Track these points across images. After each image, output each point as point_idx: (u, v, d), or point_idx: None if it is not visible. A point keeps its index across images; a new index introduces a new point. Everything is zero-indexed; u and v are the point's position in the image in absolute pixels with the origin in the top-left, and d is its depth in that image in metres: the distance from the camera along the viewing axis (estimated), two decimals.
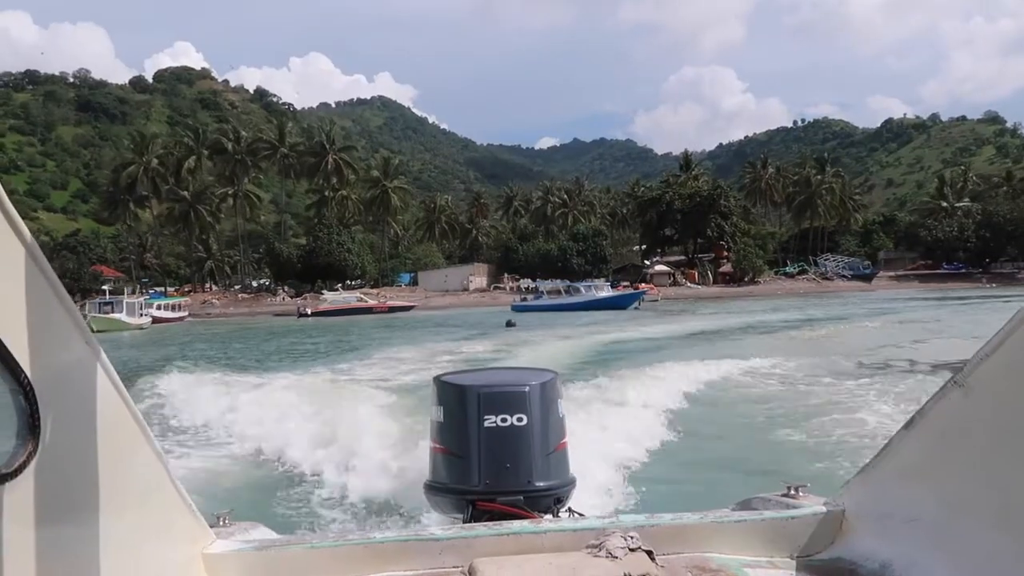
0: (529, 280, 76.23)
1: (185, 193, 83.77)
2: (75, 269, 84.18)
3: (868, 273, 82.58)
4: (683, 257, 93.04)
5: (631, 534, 1.98)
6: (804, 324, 30.30)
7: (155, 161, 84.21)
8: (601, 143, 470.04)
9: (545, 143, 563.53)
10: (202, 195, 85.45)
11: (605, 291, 55.46)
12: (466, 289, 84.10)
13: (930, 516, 1.77)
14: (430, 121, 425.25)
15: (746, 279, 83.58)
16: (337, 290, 76.48)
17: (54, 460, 1.21)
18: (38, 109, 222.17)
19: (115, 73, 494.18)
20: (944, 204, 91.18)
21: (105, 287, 63.30)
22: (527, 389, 3.01)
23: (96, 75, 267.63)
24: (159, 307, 59.46)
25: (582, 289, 54.39)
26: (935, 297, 55.76)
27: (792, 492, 2.30)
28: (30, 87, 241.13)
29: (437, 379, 3.21)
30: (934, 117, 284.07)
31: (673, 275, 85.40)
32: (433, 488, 3.17)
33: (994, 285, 72.08)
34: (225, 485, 7.70)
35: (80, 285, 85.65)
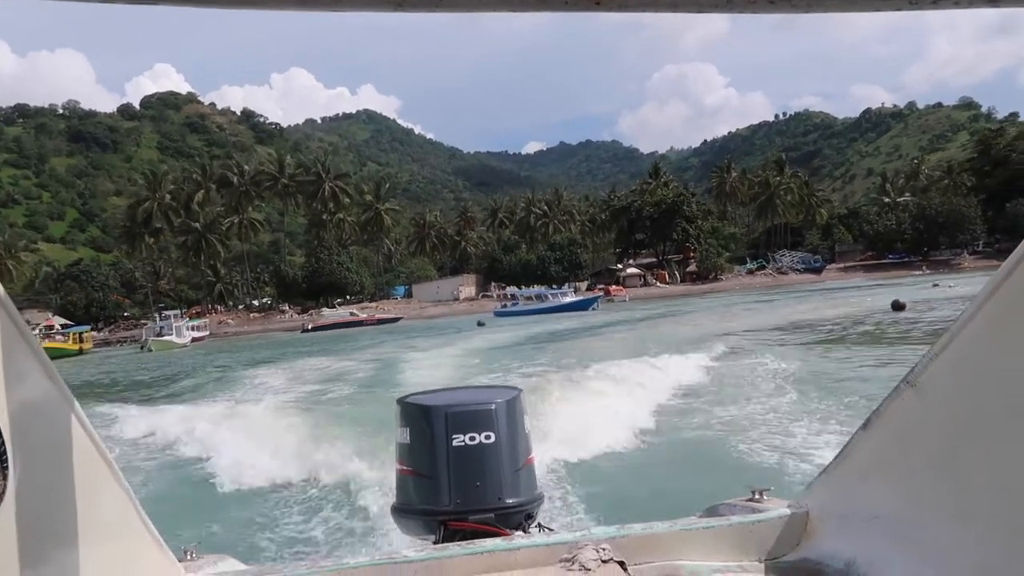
0: (515, 288, 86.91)
1: (196, 224, 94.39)
2: (101, 299, 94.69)
3: (818, 266, 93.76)
4: (654, 259, 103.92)
5: (603, 546, 2.04)
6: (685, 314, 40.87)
7: (168, 196, 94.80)
8: (587, 145, 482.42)
9: (532, 148, 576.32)
10: (212, 225, 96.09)
11: (570, 296, 66.88)
12: (456, 299, 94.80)
13: (890, 513, 1.86)
14: (416, 132, 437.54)
15: (710, 277, 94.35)
16: (335, 307, 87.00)
17: (23, 498, 1.22)
18: (30, 142, 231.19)
19: (98, 98, 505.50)
20: (887, 200, 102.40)
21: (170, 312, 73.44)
22: (494, 407, 3.08)
23: (79, 100, 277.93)
24: (190, 328, 70.13)
25: (549, 296, 65.95)
26: (867, 284, 66.33)
27: (757, 496, 2.41)
28: (20, 120, 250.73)
29: (401, 401, 3.23)
30: (911, 105, 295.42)
31: (644, 276, 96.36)
32: (401, 511, 3.19)
33: (928, 271, 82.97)
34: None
35: (104, 313, 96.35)
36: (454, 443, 3.00)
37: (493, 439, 3.02)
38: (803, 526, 2.22)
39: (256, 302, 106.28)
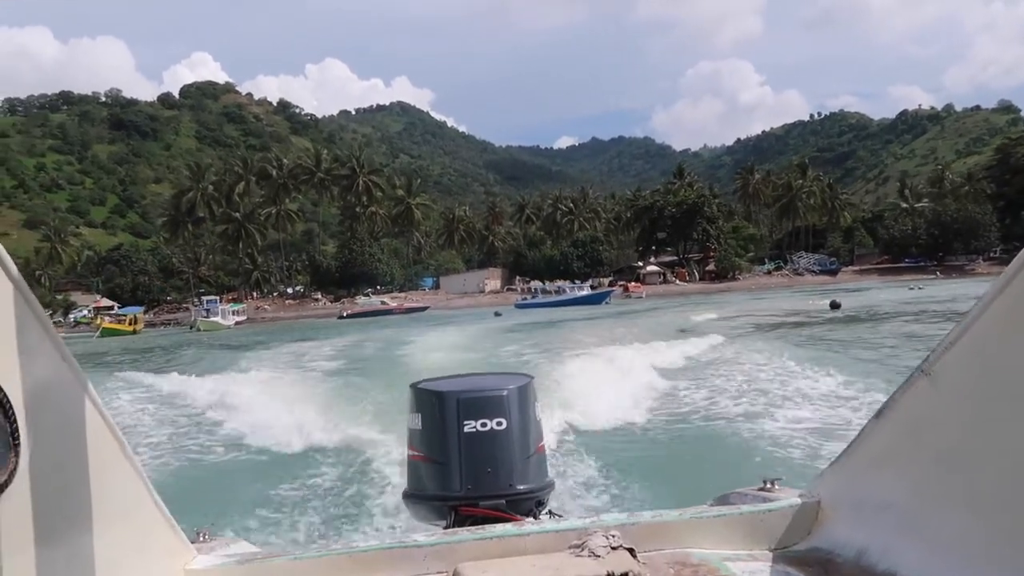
0: (538, 282, 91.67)
1: (237, 214, 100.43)
2: (147, 283, 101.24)
3: (833, 268, 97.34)
4: (675, 258, 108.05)
5: (612, 533, 2.06)
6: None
7: (210, 187, 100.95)
8: (620, 141, 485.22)
9: (564, 143, 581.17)
10: (251, 215, 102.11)
11: (585, 291, 71.93)
12: (482, 291, 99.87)
13: (902, 503, 1.88)
14: (448, 125, 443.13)
15: (729, 276, 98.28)
16: (367, 295, 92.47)
17: (36, 477, 1.24)
18: (74, 129, 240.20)
19: (137, 85, 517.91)
20: (904, 205, 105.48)
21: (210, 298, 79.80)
22: (505, 393, 3.11)
23: (118, 87, 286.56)
24: (233, 312, 76.16)
25: (566, 289, 71.12)
26: (866, 286, 70.11)
27: (768, 486, 2.42)
28: (65, 107, 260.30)
29: (413, 386, 3.28)
30: (948, 108, 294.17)
31: (664, 274, 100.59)
32: (413, 496, 3.24)
33: (940, 276, 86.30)
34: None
35: (149, 297, 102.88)
36: (466, 429, 3.02)
37: (505, 426, 3.05)
38: (814, 515, 2.25)
39: (290, 289, 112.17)
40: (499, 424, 3.06)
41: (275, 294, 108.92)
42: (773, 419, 9.81)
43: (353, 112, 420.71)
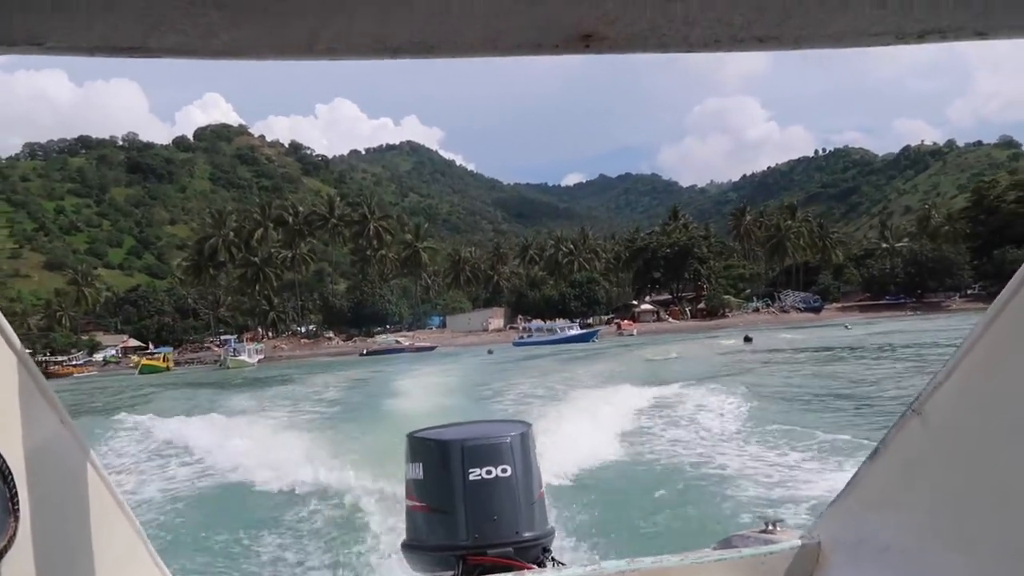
0: (539, 320, 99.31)
1: (255, 259, 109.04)
2: (171, 324, 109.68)
3: (817, 306, 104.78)
4: (669, 296, 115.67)
5: None
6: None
7: (231, 234, 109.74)
8: (627, 178, 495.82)
9: (571, 179, 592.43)
10: (268, 259, 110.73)
11: (575, 329, 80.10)
12: (486, 329, 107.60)
13: (900, 544, 1.89)
14: (457, 163, 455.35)
15: (719, 314, 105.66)
16: (384, 332, 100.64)
17: (36, 541, 1.25)
18: (92, 172, 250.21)
19: (150, 126, 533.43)
20: (885, 245, 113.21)
21: (226, 337, 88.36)
22: (508, 440, 3.13)
23: (132, 128, 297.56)
24: (256, 351, 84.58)
25: (557, 329, 79.12)
26: (841, 322, 77.28)
27: (769, 528, 2.46)
28: (83, 151, 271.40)
29: (411, 436, 3.28)
30: (950, 143, 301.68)
31: (658, 312, 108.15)
32: (414, 547, 3.22)
33: (915, 313, 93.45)
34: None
35: (173, 336, 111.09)
36: (471, 477, 3.03)
37: (509, 472, 3.07)
38: (815, 558, 2.27)
39: (303, 328, 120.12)
40: (504, 471, 3.07)
41: (288, 333, 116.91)
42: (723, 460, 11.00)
43: (363, 151, 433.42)
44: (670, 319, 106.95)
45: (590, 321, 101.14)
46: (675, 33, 0.94)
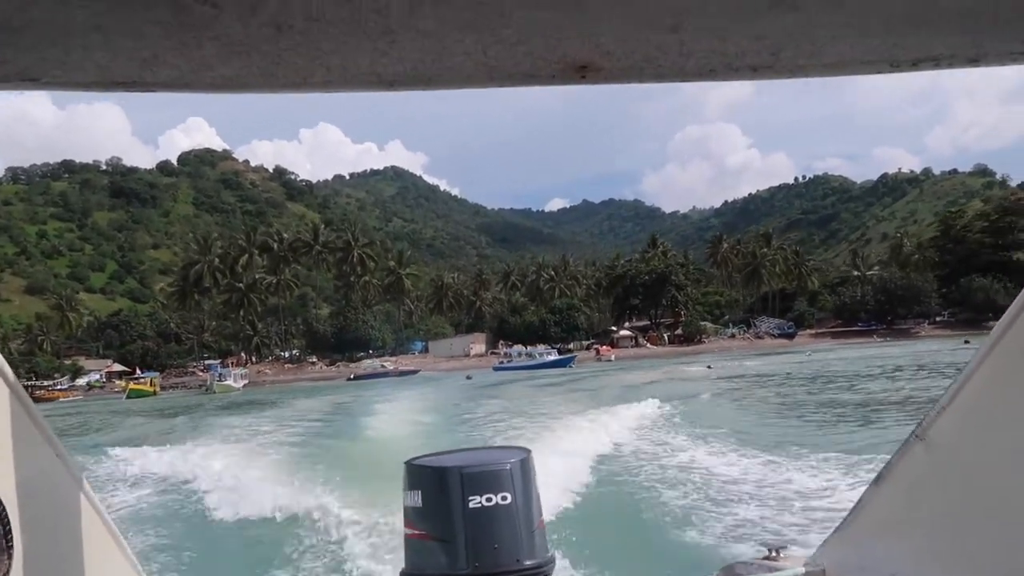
0: (520, 346, 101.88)
1: (240, 285, 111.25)
2: (155, 349, 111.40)
3: (790, 332, 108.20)
4: (648, 322, 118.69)
5: None
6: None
7: (216, 260, 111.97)
8: (610, 204, 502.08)
9: (555, 205, 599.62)
10: (253, 285, 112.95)
11: (553, 355, 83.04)
12: (467, 354, 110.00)
13: (904, 570, 1.89)
14: (441, 188, 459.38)
15: (695, 340, 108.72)
16: (368, 357, 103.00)
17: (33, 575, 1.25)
18: (75, 197, 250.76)
19: (133, 150, 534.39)
20: (856, 273, 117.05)
21: (210, 362, 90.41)
22: (508, 466, 3.13)
23: (115, 152, 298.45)
24: (241, 376, 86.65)
25: (536, 355, 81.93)
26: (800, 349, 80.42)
27: (773, 554, 2.45)
28: (66, 176, 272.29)
29: (409, 463, 3.27)
30: (926, 171, 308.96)
31: (636, 338, 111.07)
32: None
33: (879, 340, 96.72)
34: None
35: (157, 361, 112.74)
36: (471, 505, 3.02)
37: (509, 500, 3.06)
38: None
39: (285, 353, 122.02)
40: (504, 498, 3.05)
41: (271, 358, 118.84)
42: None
43: (347, 176, 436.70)
44: (648, 344, 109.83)
45: (570, 347, 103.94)
46: (671, 64, 0.96)
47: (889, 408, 22.88)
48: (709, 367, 47.59)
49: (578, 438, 16.42)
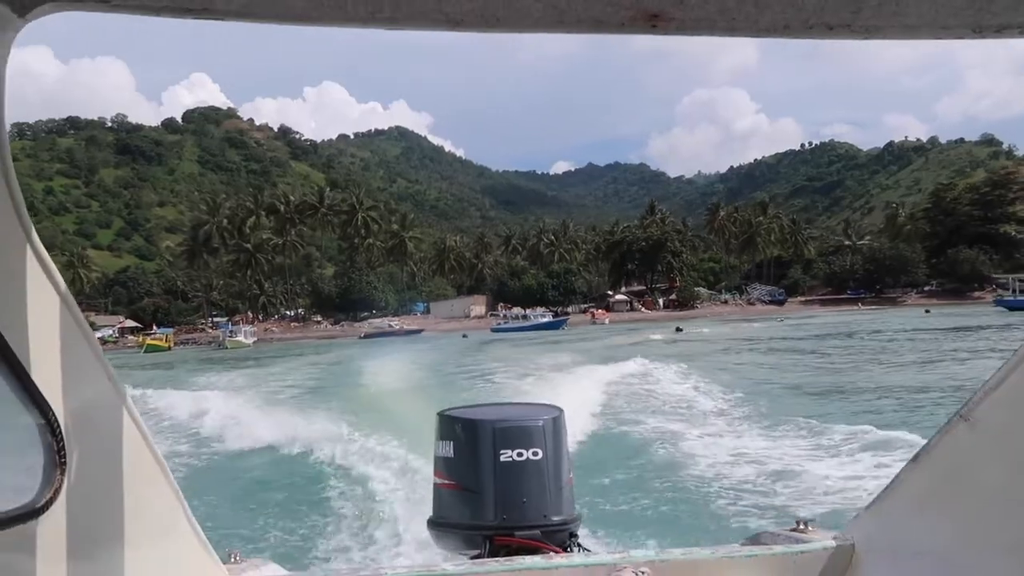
0: (519, 308, 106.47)
1: (248, 245, 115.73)
2: (167, 306, 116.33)
3: (780, 299, 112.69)
4: (643, 287, 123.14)
5: (642, 569, 2.10)
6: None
7: (225, 221, 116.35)
8: (615, 167, 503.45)
9: (560, 168, 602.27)
10: (260, 246, 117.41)
11: (547, 317, 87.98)
12: (467, 316, 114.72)
13: (939, 549, 1.87)
14: (446, 149, 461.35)
15: (689, 305, 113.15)
16: (370, 316, 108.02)
17: (79, 495, 1.29)
18: (81, 153, 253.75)
19: (137, 106, 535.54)
20: (847, 242, 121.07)
21: (219, 319, 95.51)
22: (541, 423, 3.15)
23: (119, 108, 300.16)
24: (252, 333, 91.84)
25: (531, 316, 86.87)
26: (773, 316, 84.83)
27: (801, 527, 2.43)
28: (72, 132, 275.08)
29: (442, 414, 3.31)
30: (933, 140, 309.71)
31: (631, 302, 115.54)
32: (441, 524, 3.24)
33: (864, 307, 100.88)
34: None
35: (168, 318, 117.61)
36: (502, 458, 3.06)
37: (540, 456, 3.09)
38: (848, 559, 2.26)
39: (290, 312, 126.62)
40: (535, 454, 3.09)
41: (276, 316, 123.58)
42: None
43: (352, 136, 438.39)
44: (643, 309, 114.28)
45: (568, 310, 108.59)
46: (745, 17, 0.94)
47: (804, 357, 27.26)
48: (679, 329, 51.98)
49: (567, 392, 17.02)
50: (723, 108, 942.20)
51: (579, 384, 19.36)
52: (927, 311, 66.58)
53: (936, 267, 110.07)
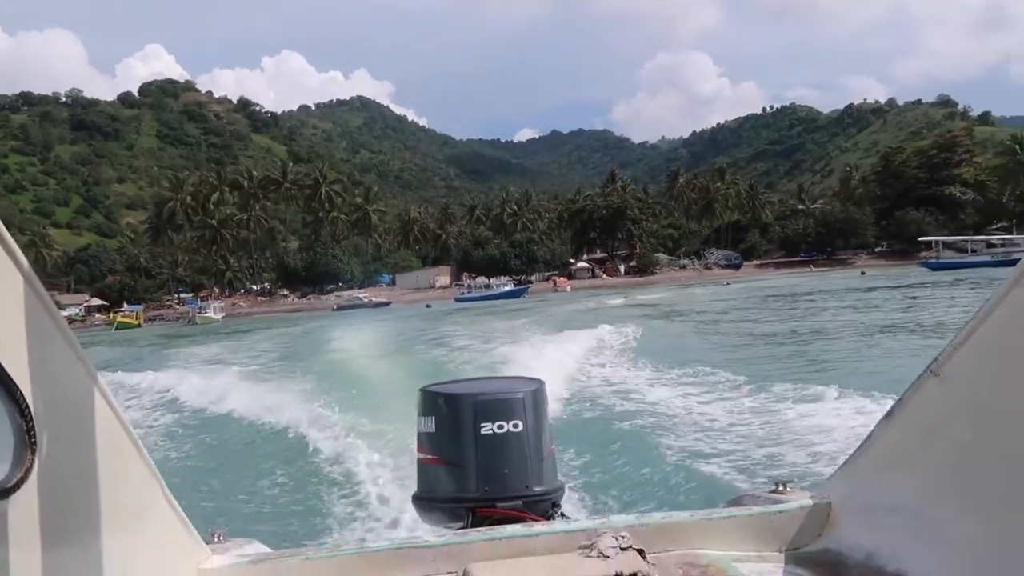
0: (483, 278, 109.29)
1: (212, 221, 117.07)
2: (132, 283, 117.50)
3: (737, 263, 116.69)
4: (604, 255, 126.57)
5: (622, 534, 2.13)
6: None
7: (188, 197, 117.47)
8: (579, 134, 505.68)
9: (524, 135, 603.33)
10: (224, 221, 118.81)
11: (509, 286, 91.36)
12: (432, 286, 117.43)
13: (911, 505, 1.93)
14: (409, 119, 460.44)
15: (648, 271, 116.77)
16: (336, 288, 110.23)
17: (51, 477, 1.27)
18: (35, 130, 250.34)
19: (90, 80, 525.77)
20: (800, 206, 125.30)
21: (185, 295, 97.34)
22: (521, 396, 3.21)
23: (72, 82, 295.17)
24: (221, 309, 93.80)
25: (493, 286, 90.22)
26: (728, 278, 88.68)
27: (780, 488, 2.50)
28: (25, 108, 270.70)
29: (424, 390, 3.35)
30: (891, 102, 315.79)
31: (592, 270, 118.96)
32: (425, 499, 3.30)
33: (815, 269, 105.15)
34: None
35: (135, 296, 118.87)
36: (482, 431, 3.12)
37: (520, 428, 3.14)
38: (825, 517, 2.32)
39: (255, 287, 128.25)
40: (515, 426, 3.14)
41: (242, 291, 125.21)
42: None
43: (313, 107, 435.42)
44: (604, 276, 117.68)
45: (531, 279, 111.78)
46: None
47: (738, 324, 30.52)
48: (624, 297, 55.79)
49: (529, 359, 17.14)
50: (686, 72, 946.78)
51: (541, 351, 19.44)
52: (863, 272, 70.67)
53: (885, 229, 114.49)
